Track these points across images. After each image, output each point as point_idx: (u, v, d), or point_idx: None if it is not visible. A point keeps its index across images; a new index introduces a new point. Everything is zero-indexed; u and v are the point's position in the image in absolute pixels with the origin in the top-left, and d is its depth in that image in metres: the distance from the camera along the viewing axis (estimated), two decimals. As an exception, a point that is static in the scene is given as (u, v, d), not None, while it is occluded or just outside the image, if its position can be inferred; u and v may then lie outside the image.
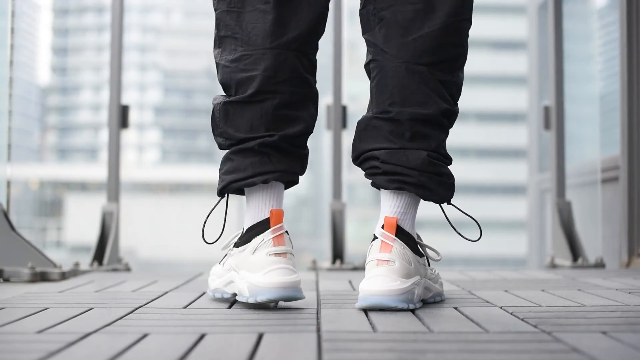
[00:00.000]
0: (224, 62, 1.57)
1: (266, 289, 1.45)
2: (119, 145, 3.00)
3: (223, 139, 1.58)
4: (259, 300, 1.45)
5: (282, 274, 1.46)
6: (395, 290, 1.44)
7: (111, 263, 2.77)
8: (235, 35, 1.56)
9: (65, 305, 1.56)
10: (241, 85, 1.55)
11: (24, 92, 44.40)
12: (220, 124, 1.57)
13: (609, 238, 3.24)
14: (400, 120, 1.53)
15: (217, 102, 1.58)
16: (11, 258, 2.32)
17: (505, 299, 1.63)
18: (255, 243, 1.50)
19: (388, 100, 1.54)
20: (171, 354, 1.03)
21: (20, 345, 1.10)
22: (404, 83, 1.53)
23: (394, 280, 1.45)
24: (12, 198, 2.52)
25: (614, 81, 3.25)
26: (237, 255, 1.55)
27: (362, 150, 1.57)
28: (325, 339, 1.13)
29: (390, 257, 1.47)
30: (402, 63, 1.53)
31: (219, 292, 1.62)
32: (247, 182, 1.53)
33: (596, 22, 4.23)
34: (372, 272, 1.47)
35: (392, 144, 1.53)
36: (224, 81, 1.58)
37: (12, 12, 2.69)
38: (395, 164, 1.52)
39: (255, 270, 1.48)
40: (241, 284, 1.51)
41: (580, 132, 4.56)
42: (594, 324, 1.28)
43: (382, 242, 1.49)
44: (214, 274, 1.66)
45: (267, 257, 1.47)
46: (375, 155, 1.54)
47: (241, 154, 1.54)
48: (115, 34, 3.02)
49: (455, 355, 1.01)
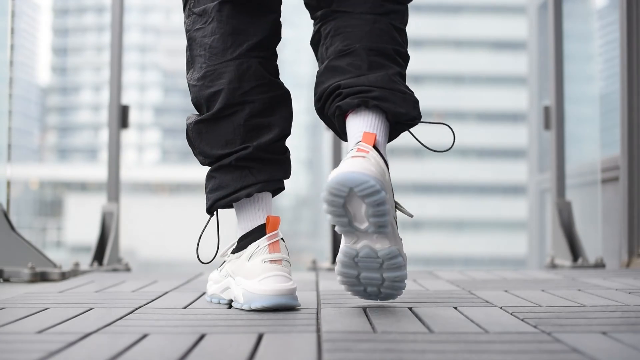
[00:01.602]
0: (193, 82, 1.58)
1: (261, 296, 1.45)
2: (119, 145, 3.00)
3: (202, 157, 1.59)
4: (253, 307, 1.45)
5: (277, 281, 1.46)
6: (371, 171, 1.36)
7: (111, 263, 2.77)
8: (200, 53, 1.57)
9: (65, 305, 1.56)
10: (210, 102, 1.55)
11: (24, 92, 44.37)
12: (196, 143, 1.58)
13: (609, 238, 3.24)
14: (356, 51, 1.50)
15: (190, 122, 1.59)
16: (11, 258, 2.32)
17: (505, 299, 1.63)
18: (251, 250, 1.50)
19: (343, 42, 1.51)
20: (171, 354, 1.03)
21: (20, 345, 1.10)
22: (358, 25, 1.51)
23: (372, 166, 1.37)
24: (12, 198, 2.52)
25: (614, 81, 3.25)
26: (233, 262, 1.56)
27: (323, 88, 1.52)
28: (325, 339, 1.13)
29: (367, 156, 1.40)
30: (358, 14, 1.52)
31: (215, 297, 1.63)
32: (231, 197, 1.54)
33: (596, 22, 4.23)
34: (347, 159, 1.39)
35: (352, 74, 1.49)
36: (195, 101, 1.59)
37: (12, 12, 2.69)
38: (357, 85, 1.47)
39: (251, 277, 1.48)
40: (237, 290, 1.52)
41: (580, 132, 4.56)
42: (594, 324, 1.28)
43: (357, 148, 1.42)
44: (212, 279, 1.66)
45: (263, 264, 1.47)
46: (337, 85, 1.49)
47: (221, 171, 1.56)
48: (115, 34, 3.02)
49: (455, 356, 1.01)
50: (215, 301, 1.62)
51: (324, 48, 1.56)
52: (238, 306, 1.50)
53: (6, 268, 2.29)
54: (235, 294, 1.52)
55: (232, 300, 1.56)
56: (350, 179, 1.34)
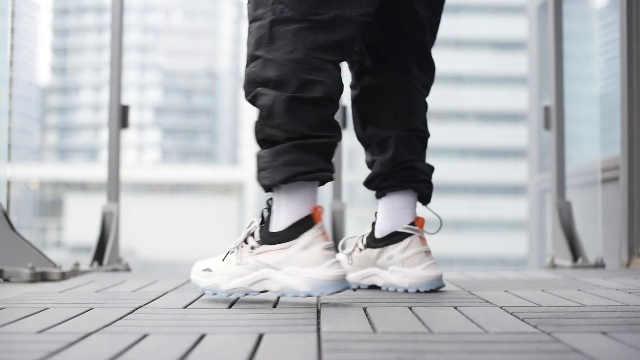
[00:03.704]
0: (282, 60, 1.58)
1: (330, 282, 1.52)
2: (119, 145, 3.00)
3: (281, 131, 1.57)
4: (327, 292, 1.52)
5: (339, 267, 1.55)
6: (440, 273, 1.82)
7: (111, 263, 2.77)
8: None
9: (65, 305, 1.56)
10: (307, 85, 1.58)
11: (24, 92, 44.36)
12: (283, 117, 1.57)
13: (609, 238, 3.24)
14: (426, 139, 1.94)
15: (276, 96, 1.57)
16: (11, 258, 2.32)
17: (505, 299, 1.63)
18: (307, 239, 1.54)
19: (416, 119, 1.90)
20: (171, 354, 1.03)
21: (20, 345, 1.10)
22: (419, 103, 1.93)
23: (438, 266, 1.84)
24: (12, 198, 2.52)
25: (614, 81, 3.25)
26: (275, 253, 1.56)
27: (396, 160, 1.89)
28: (325, 339, 1.13)
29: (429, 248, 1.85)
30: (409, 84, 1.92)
31: (239, 291, 1.60)
32: (312, 175, 1.58)
33: (596, 22, 4.23)
34: (427, 261, 1.82)
35: (420, 157, 1.91)
36: (280, 77, 1.57)
37: (12, 12, 2.69)
38: (428, 174, 1.91)
39: (313, 264, 1.52)
40: (291, 280, 1.53)
41: (580, 132, 4.56)
42: (594, 324, 1.28)
43: (419, 237, 1.85)
44: (226, 274, 1.62)
45: (324, 252, 1.54)
46: (413, 166, 1.89)
47: (303, 149, 1.57)
48: (115, 34, 3.02)
49: (455, 356, 1.01)
50: (238, 295, 1.60)
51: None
52: (291, 295, 1.54)
53: (6, 268, 2.29)
54: (288, 284, 1.54)
55: (264, 291, 1.58)
56: (438, 285, 1.83)
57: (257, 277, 1.58)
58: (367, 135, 1.94)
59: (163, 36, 51.64)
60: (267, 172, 1.58)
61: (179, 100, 52.22)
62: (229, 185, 43.94)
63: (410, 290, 1.80)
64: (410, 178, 1.89)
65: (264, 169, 1.59)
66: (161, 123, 52.02)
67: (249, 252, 1.60)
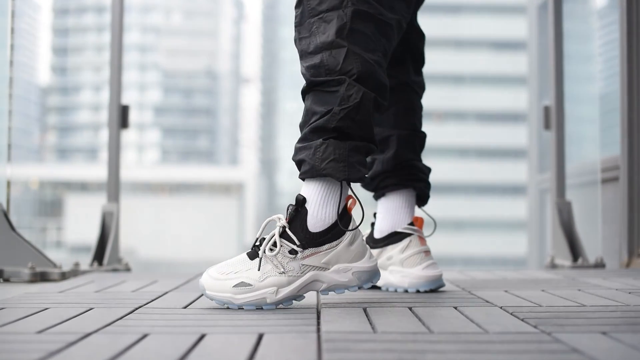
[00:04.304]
0: (372, 60, 1.57)
1: (375, 273, 1.59)
2: (119, 145, 3.00)
3: (360, 128, 1.55)
4: (374, 281, 1.59)
5: (435, 268, 1.81)
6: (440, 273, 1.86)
7: (111, 263, 2.77)
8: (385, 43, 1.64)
9: (65, 305, 1.56)
10: (382, 90, 1.60)
11: (24, 92, 44.37)
12: (367, 115, 1.56)
13: (609, 238, 3.24)
14: (424, 140, 1.97)
15: (366, 93, 1.55)
16: (11, 258, 2.32)
17: (505, 299, 1.63)
18: (352, 235, 1.56)
19: (415, 120, 1.95)
20: (171, 354, 1.03)
21: (20, 345, 1.10)
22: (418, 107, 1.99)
23: (437, 266, 1.87)
24: (12, 198, 2.52)
25: (614, 81, 3.25)
26: (324, 254, 1.52)
27: (400, 157, 1.92)
28: (325, 339, 1.13)
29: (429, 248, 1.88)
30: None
31: (287, 300, 1.52)
32: (363, 180, 1.67)
33: (596, 22, 4.23)
34: (427, 261, 1.84)
35: (418, 157, 1.95)
36: (363, 73, 1.56)
37: (12, 12, 2.68)
38: (426, 174, 1.95)
39: (358, 258, 1.57)
40: (340, 277, 1.54)
41: (580, 132, 4.56)
42: (594, 324, 1.28)
43: (418, 237, 1.87)
44: (271, 286, 1.51)
45: (364, 245, 1.59)
46: (414, 165, 1.92)
47: (364, 152, 1.58)
48: (115, 34, 3.02)
49: (455, 356, 1.01)
50: (287, 304, 1.53)
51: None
52: (341, 291, 1.55)
53: (6, 268, 2.29)
54: (338, 282, 1.54)
55: (310, 291, 1.54)
56: (439, 284, 1.84)
57: (305, 281, 1.52)
58: None
59: (163, 36, 51.63)
60: (342, 165, 1.53)
61: (179, 100, 52.22)
62: (229, 185, 43.95)
63: (410, 290, 1.80)
64: (411, 177, 1.90)
65: (337, 161, 1.52)
66: (161, 123, 52.01)
67: (290, 258, 1.51)
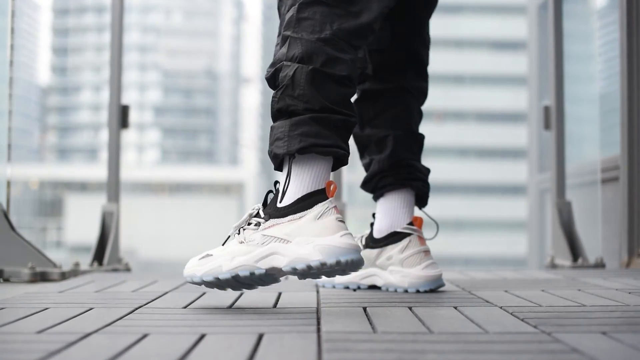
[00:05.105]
0: (308, 37, 1.56)
1: (345, 250, 1.44)
2: (119, 145, 3.00)
3: (302, 102, 1.53)
4: (342, 260, 1.43)
5: (351, 238, 1.47)
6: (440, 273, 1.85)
7: (111, 263, 2.77)
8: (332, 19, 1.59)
9: (65, 305, 1.56)
10: (332, 62, 1.55)
11: (24, 92, 44.38)
12: (305, 87, 1.53)
13: (609, 238, 3.24)
14: (422, 141, 1.98)
15: (300, 67, 1.54)
16: (11, 258, 2.32)
17: (505, 299, 1.63)
18: (320, 209, 1.48)
19: (412, 123, 1.95)
20: (171, 354, 1.03)
21: (20, 345, 1.10)
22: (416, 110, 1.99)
23: (437, 266, 1.86)
24: (12, 198, 2.52)
25: (614, 81, 3.25)
26: (286, 225, 1.48)
27: (397, 155, 1.92)
28: (325, 339, 1.13)
29: (428, 248, 1.88)
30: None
31: (244, 269, 1.48)
32: (328, 150, 1.52)
33: (596, 22, 4.23)
34: (426, 261, 1.84)
35: (417, 157, 1.95)
36: (305, 53, 1.54)
37: (12, 12, 2.68)
38: (425, 174, 1.95)
39: (327, 234, 1.45)
40: (302, 249, 1.45)
41: (580, 132, 4.56)
42: (594, 324, 1.28)
43: (418, 237, 1.87)
44: (228, 254, 1.51)
45: (338, 222, 1.47)
46: (412, 164, 1.92)
47: (322, 123, 1.52)
48: (115, 34, 3.02)
49: (455, 356, 1.01)
50: (244, 274, 1.49)
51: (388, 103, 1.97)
52: (302, 266, 1.44)
53: (6, 268, 2.29)
54: (298, 255, 1.45)
55: (271, 268, 1.48)
56: (439, 284, 1.84)
57: (264, 252, 1.48)
58: (365, 135, 1.95)
59: (163, 36, 51.65)
60: (283, 141, 1.51)
61: (179, 100, 52.23)
62: (229, 185, 43.96)
63: (410, 290, 1.80)
64: (408, 176, 1.90)
65: (280, 139, 1.52)
66: (161, 123, 52.02)
67: (253, 230, 1.51)
